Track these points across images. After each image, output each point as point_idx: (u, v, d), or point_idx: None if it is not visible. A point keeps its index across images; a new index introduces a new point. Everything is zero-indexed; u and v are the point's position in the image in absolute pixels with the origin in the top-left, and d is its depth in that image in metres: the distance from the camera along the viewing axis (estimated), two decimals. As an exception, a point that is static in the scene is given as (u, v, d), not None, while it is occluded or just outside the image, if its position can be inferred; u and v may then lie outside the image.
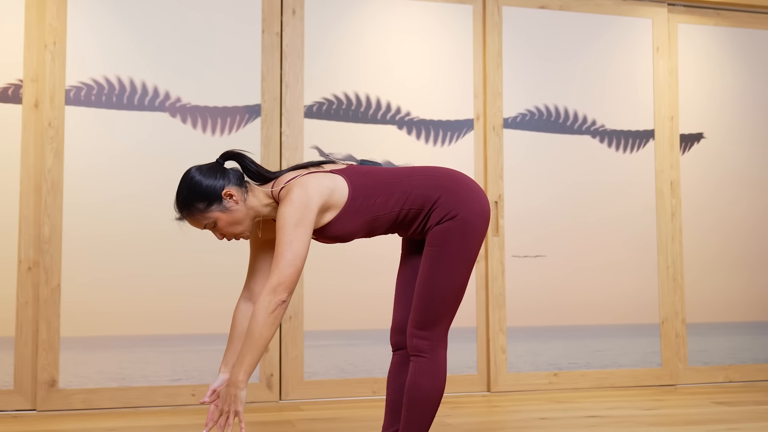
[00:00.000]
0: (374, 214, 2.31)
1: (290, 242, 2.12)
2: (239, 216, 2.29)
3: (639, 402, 4.08)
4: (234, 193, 2.27)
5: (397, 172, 2.38)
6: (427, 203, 2.31)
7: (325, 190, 2.22)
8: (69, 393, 3.86)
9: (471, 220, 2.29)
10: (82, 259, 3.93)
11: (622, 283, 4.66)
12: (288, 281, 2.10)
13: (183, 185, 2.28)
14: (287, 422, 3.55)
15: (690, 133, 4.83)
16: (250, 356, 2.08)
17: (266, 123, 4.19)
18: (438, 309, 2.27)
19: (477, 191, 2.35)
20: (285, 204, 2.16)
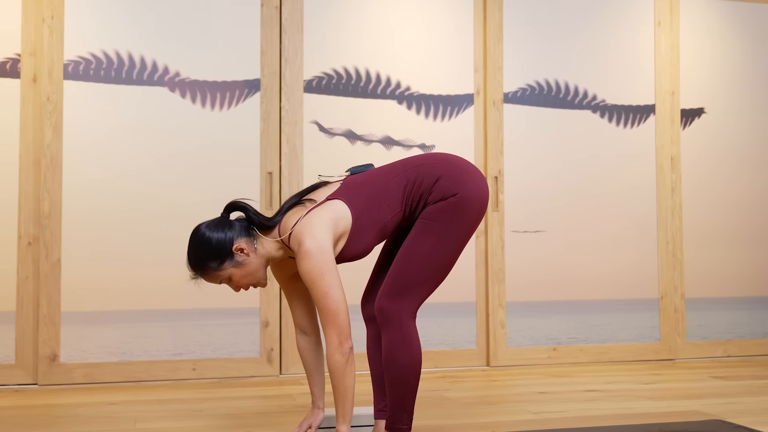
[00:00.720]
0: (382, 221, 2.31)
1: (326, 293, 2.14)
2: (253, 267, 2.30)
3: (637, 376, 4.11)
4: (244, 246, 2.27)
5: (391, 170, 2.36)
6: (425, 191, 2.31)
7: (330, 223, 2.22)
8: (70, 367, 3.88)
9: (467, 200, 2.29)
10: (82, 234, 3.94)
11: (621, 259, 4.67)
12: (344, 329, 2.14)
13: (193, 245, 2.29)
14: (287, 396, 3.57)
15: (691, 108, 4.82)
16: (344, 406, 2.14)
17: (266, 98, 4.17)
18: (411, 280, 2.25)
19: (475, 174, 2.34)
20: (302, 259, 2.16)
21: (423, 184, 2.30)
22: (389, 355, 2.25)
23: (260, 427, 2.92)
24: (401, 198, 2.31)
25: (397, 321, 2.25)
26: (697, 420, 2.98)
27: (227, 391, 3.73)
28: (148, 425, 2.97)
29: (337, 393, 2.14)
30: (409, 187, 2.31)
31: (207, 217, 4.08)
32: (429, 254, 2.26)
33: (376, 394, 2.45)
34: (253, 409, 3.26)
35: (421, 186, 2.30)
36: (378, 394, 2.45)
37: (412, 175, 2.33)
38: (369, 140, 4.32)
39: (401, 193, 2.31)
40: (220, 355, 4.06)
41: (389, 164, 2.41)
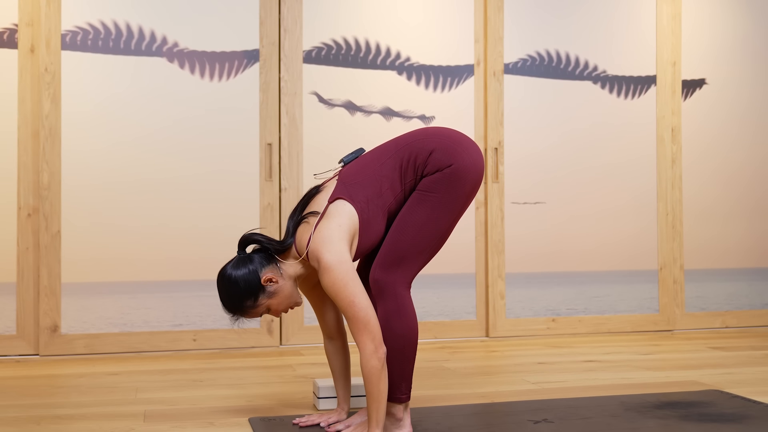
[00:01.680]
0: (386, 205, 2.31)
1: (352, 302, 2.13)
2: (286, 292, 2.30)
3: (636, 347, 4.13)
4: (272, 276, 2.27)
5: (383, 152, 2.35)
6: (420, 165, 2.31)
7: (341, 230, 2.21)
8: (71, 338, 3.90)
9: (462, 171, 2.28)
10: (81, 205, 3.93)
11: (621, 230, 4.67)
12: (377, 335, 2.13)
13: (224, 290, 2.28)
14: (288, 366, 3.59)
15: (692, 79, 4.79)
16: (377, 411, 2.14)
17: (265, 68, 4.15)
18: (406, 250, 2.26)
19: (469, 145, 2.33)
20: (323, 274, 2.15)
21: (417, 160, 2.30)
22: (385, 326, 2.26)
23: (261, 398, 2.94)
24: (399, 178, 2.31)
25: (392, 291, 2.26)
26: (695, 390, 3.00)
27: (228, 361, 3.75)
28: (149, 395, 2.99)
29: (371, 398, 2.14)
30: (404, 165, 2.31)
31: (206, 186, 4.07)
32: (424, 225, 2.26)
33: None
34: (253, 380, 3.28)
35: (416, 161, 2.30)
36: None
37: (405, 153, 2.32)
38: (369, 111, 4.30)
39: (398, 174, 2.31)
40: (220, 326, 4.08)
41: (381, 146, 2.39)
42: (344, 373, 2.53)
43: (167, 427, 2.49)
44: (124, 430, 2.46)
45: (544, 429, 2.41)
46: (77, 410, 2.74)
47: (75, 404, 2.84)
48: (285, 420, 2.55)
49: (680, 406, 2.72)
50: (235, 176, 4.11)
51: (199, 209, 4.07)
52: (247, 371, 3.48)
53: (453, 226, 2.32)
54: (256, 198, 4.13)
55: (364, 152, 2.42)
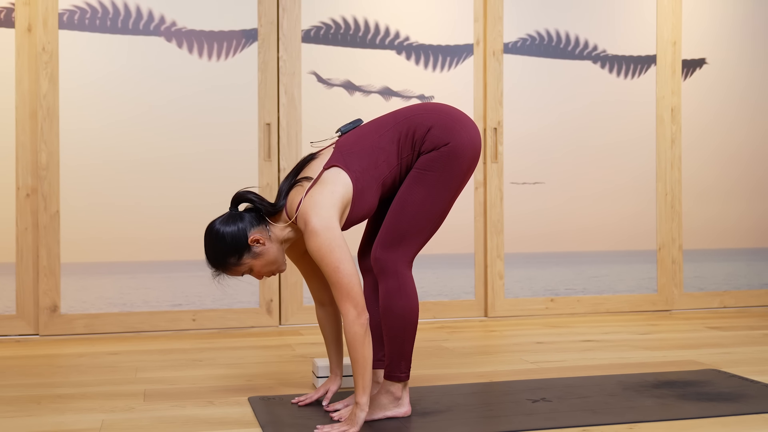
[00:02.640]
0: (381, 177, 2.31)
1: (336, 268, 2.13)
2: (271, 255, 2.30)
3: (634, 327, 4.14)
4: (259, 237, 2.27)
5: (382, 124, 2.35)
6: (418, 141, 2.30)
7: (333, 197, 2.21)
8: (71, 318, 3.91)
9: (460, 149, 2.28)
10: (80, 185, 3.93)
11: (620, 210, 4.67)
12: (359, 301, 2.14)
13: (210, 244, 2.29)
14: (287, 346, 3.60)
15: (692, 59, 4.77)
16: (363, 377, 2.15)
17: (263, 48, 4.13)
18: (406, 229, 2.26)
19: (467, 123, 2.33)
20: (310, 237, 2.15)
21: (416, 135, 2.30)
22: (386, 304, 2.26)
23: (260, 377, 2.95)
24: (396, 152, 2.31)
25: (393, 270, 2.26)
26: (693, 369, 3.01)
27: (227, 341, 3.76)
28: (148, 374, 3.00)
29: (356, 364, 2.15)
30: (402, 140, 2.30)
31: (205, 168, 4.07)
32: (423, 203, 2.26)
33: (373, 344, 2.47)
34: (252, 359, 3.29)
35: (414, 137, 2.30)
36: (375, 344, 2.47)
37: (404, 127, 2.31)
38: (367, 91, 4.29)
39: (395, 147, 2.31)
40: (219, 306, 4.09)
41: (379, 118, 2.39)
42: (336, 339, 2.53)
43: (167, 406, 2.50)
44: (124, 409, 2.48)
45: (542, 408, 2.42)
46: (77, 389, 2.75)
47: (75, 384, 2.85)
48: (284, 399, 2.56)
49: (678, 385, 2.73)
50: (234, 156, 4.11)
51: (198, 189, 4.07)
52: (247, 351, 3.49)
53: (451, 204, 2.32)
54: (255, 178, 4.13)
55: (362, 123, 2.42)
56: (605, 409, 2.40)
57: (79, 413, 2.42)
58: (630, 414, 2.35)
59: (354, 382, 2.19)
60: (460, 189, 2.32)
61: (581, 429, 2.21)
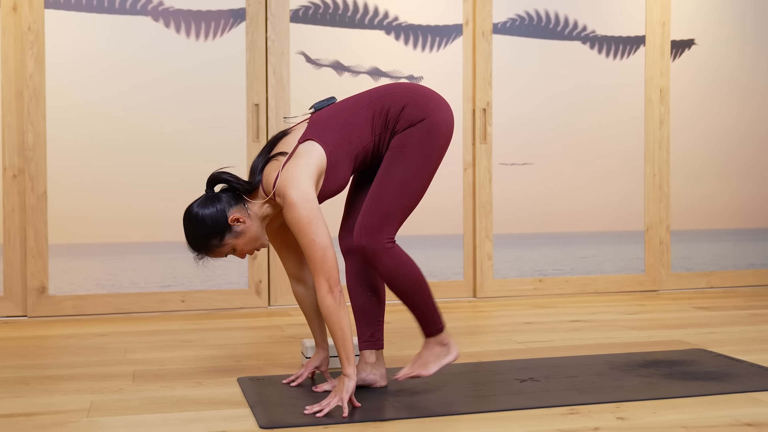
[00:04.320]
0: (354, 152, 2.33)
1: (312, 241, 2.16)
2: (252, 233, 2.30)
3: (621, 307, 4.16)
4: (239, 216, 2.27)
5: (357, 102, 2.37)
6: (392, 119, 2.33)
7: (309, 169, 2.22)
8: (59, 299, 3.90)
9: (435, 126, 2.32)
10: (67, 165, 3.91)
11: (608, 191, 4.68)
12: (333, 274, 2.16)
13: (190, 228, 2.28)
14: (276, 327, 3.61)
15: (681, 39, 4.77)
16: (345, 349, 2.18)
17: (251, 27, 4.10)
18: (388, 209, 2.29)
19: (440, 101, 2.38)
20: (289, 209, 2.18)
21: (390, 113, 2.33)
22: (393, 283, 2.30)
23: (249, 358, 2.95)
24: (370, 129, 2.34)
25: (383, 251, 2.28)
26: (679, 349, 3.04)
27: (216, 322, 3.76)
28: (137, 356, 3.00)
29: (335, 337, 2.18)
30: (377, 117, 2.34)
31: (194, 148, 4.05)
32: (405, 180, 2.29)
33: (360, 325, 2.48)
34: (242, 340, 3.30)
35: (388, 115, 2.33)
36: (361, 325, 2.48)
37: (378, 105, 2.35)
38: (356, 71, 4.27)
39: (369, 124, 2.34)
40: (208, 287, 4.09)
41: (353, 96, 2.41)
42: (316, 313, 2.55)
43: (156, 387, 2.51)
44: (113, 390, 2.48)
45: (530, 387, 2.44)
46: (66, 371, 2.75)
47: (64, 365, 2.85)
48: (273, 380, 2.57)
49: (664, 364, 2.75)
50: (223, 136, 4.09)
51: (186, 169, 4.05)
52: (236, 332, 3.50)
53: (430, 180, 2.35)
54: (243, 158, 4.11)
55: (336, 101, 2.43)
56: (592, 389, 2.42)
57: (68, 394, 2.42)
58: (617, 393, 2.37)
59: (338, 354, 2.21)
60: (437, 165, 2.35)
61: (569, 408, 2.23)
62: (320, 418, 2.13)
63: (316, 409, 2.16)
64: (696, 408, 2.22)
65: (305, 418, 2.13)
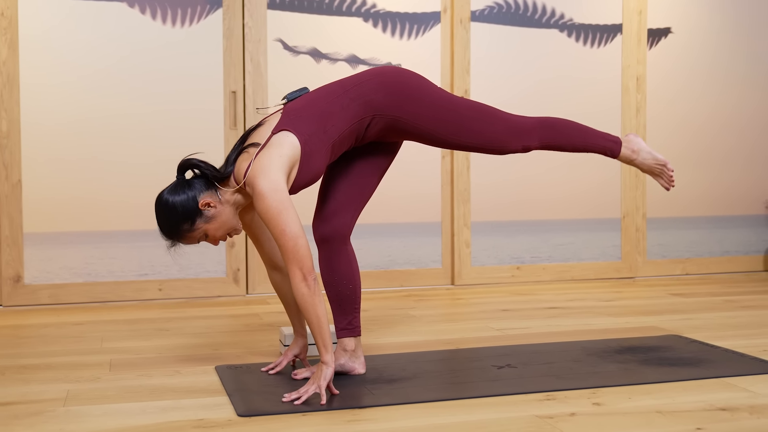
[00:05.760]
0: (330, 142, 2.33)
1: (283, 231, 2.15)
2: (224, 217, 2.29)
3: (598, 294, 4.20)
4: (210, 200, 2.27)
5: (330, 92, 2.37)
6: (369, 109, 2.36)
7: (281, 160, 2.22)
8: (35, 288, 3.87)
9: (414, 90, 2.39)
10: (43, 154, 3.87)
11: (585, 179, 4.71)
12: (305, 262, 2.16)
13: (161, 214, 2.27)
14: (254, 315, 3.60)
15: (658, 28, 4.80)
16: (321, 336, 2.18)
17: (228, 14, 4.07)
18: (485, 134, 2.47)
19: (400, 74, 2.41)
20: (258, 200, 2.17)
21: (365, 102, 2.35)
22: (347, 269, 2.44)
23: (227, 346, 2.95)
24: (346, 117, 2.34)
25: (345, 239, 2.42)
26: (655, 335, 3.07)
27: (194, 310, 3.75)
28: (114, 344, 2.99)
29: (311, 325, 2.19)
30: (353, 106, 2.34)
31: (170, 133, 4.02)
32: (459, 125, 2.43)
33: (337, 313, 2.49)
34: (220, 328, 3.29)
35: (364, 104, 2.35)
36: (338, 314, 2.48)
37: (354, 92, 2.36)
38: (334, 59, 4.26)
39: (345, 112, 2.34)
40: (186, 276, 4.07)
41: (327, 85, 2.41)
42: (294, 300, 2.55)
43: (133, 376, 2.50)
44: (89, 379, 2.47)
45: (507, 374, 2.46)
46: (42, 360, 2.73)
47: (40, 354, 2.83)
48: (251, 368, 2.57)
49: (640, 350, 2.78)
50: (200, 124, 4.06)
51: (162, 157, 4.03)
52: (214, 320, 3.49)
53: (458, 100, 2.45)
54: (220, 145, 4.09)
55: (309, 91, 2.43)
56: (569, 375, 2.44)
57: (44, 383, 2.41)
58: (593, 379, 2.39)
59: (315, 342, 2.22)
60: (443, 93, 2.43)
61: (545, 394, 2.25)
62: (298, 405, 2.13)
63: (294, 397, 2.16)
64: (671, 393, 2.25)
65: (283, 405, 2.13)
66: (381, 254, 4.37)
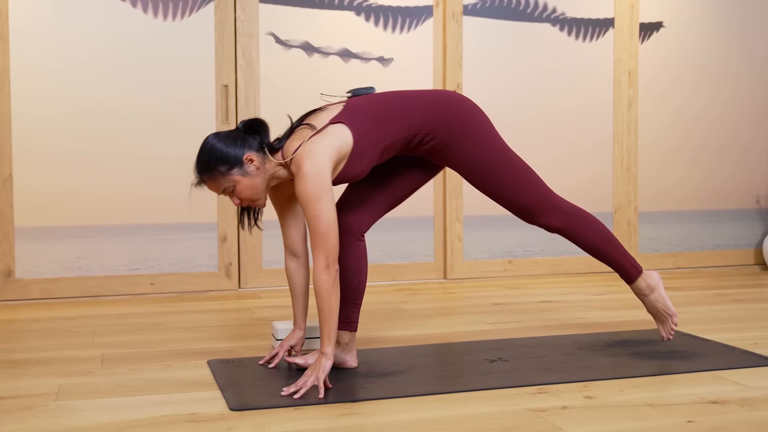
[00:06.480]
0: (381, 145, 2.35)
1: (318, 217, 2.17)
2: (258, 181, 2.31)
3: (590, 288, 4.21)
4: (254, 159, 2.29)
5: (396, 100, 2.40)
6: (426, 128, 2.39)
7: (331, 149, 2.24)
8: (26, 283, 3.86)
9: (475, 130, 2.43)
10: (33, 148, 3.85)
11: (577, 173, 4.71)
12: (332, 253, 2.18)
13: (204, 150, 2.29)
14: (246, 309, 3.60)
15: (650, 22, 4.80)
16: (329, 328, 2.19)
17: (220, 7, 4.06)
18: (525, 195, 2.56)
19: (466, 104, 2.44)
20: (300, 181, 2.19)
21: (424, 122, 2.40)
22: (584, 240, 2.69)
23: (219, 340, 2.94)
24: (401, 129, 2.37)
25: (563, 213, 2.64)
26: (646, 329, 3.07)
27: (186, 305, 3.74)
28: (106, 339, 2.98)
29: (322, 314, 2.19)
30: (412, 118, 2.38)
31: (162, 127, 4.01)
32: (503, 180, 2.53)
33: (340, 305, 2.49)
34: (212, 323, 3.29)
35: (423, 123, 2.40)
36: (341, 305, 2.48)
37: (417, 117, 2.39)
38: (326, 53, 4.25)
39: (402, 125, 2.37)
40: (178, 270, 4.06)
41: (394, 92, 2.44)
42: (303, 291, 2.55)
43: (125, 370, 2.49)
44: (81, 373, 2.46)
45: (499, 368, 2.46)
46: (33, 355, 2.72)
47: (31, 348, 2.82)
48: (243, 362, 2.56)
49: (631, 344, 2.79)
50: (192, 118, 4.05)
51: (155, 150, 4.01)
52: (206, 314, 3.48)
53: (512, 155, 2.53)
54: (212, 141, 4.08)
55: (375, 91, 2.47)
56: (561, 368, 2.45)
57: (36, 378, 2.40)
58: (585, 372, 2.40)
59: (320, 331, 2.22)
60: (499, 141, 2.51)
61: (537, 388, 2.25)
62: (289, 399, 2.12)
63: (292, 390, 2.16)
64: (662, 386, 2.25)
65: (275, 399, 2.13)
66: (373, 248, 4.37)
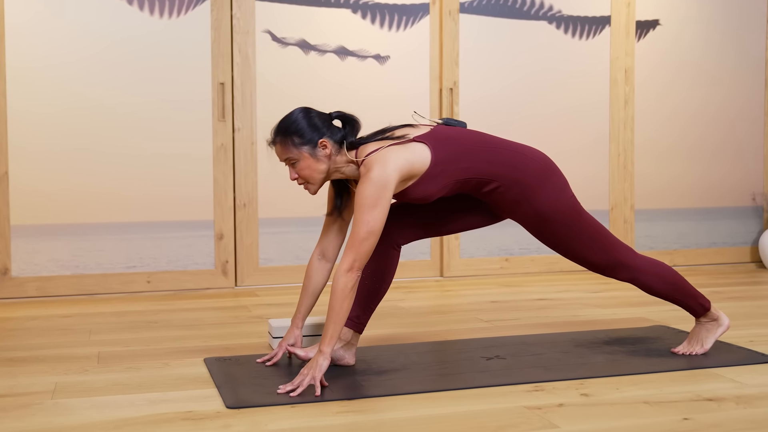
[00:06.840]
0: (456, 177, 2.36)
1: (367, 222, 2.18)
2: (322, 167, 2.33)
3: (586, 285, 4.21)
4: (329, 146, 2.31)
5: (486, 142, 2.40)
6: (502, 179, 2.39)
7: (404, 164, 2.25)
8: (22, 281, 3.85)
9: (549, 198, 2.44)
10: (30, 146, 3.84)
11: (574, 171, 4.72)
12: (362, 258, 2.19)
13: (289, 117, 2.34)
14: (243, 307, 3.60)
15: (646, 20, 4.81)
16: (333, 328, 2.20)
17: (216, 5, 4.05)
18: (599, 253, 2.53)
19: (552, 170, 2.46)
20: (364, 182, 2.20)
21: (505, 173, 2.40)
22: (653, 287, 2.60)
23: (216, 338, 2.94)
24: (479, 171, 2.37)
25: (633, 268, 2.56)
26: (642, 326, 3.08)
27: (182, 303, 3.74)
28: (102, 337, 2.98)
29: (331, 313, 2.19)
30: (494, 164, 2.38)
31: (159, 124, 4.00)
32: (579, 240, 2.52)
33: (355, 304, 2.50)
34: (208, 321, 3.29)
35: (503, 173, 2.40)
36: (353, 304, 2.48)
37: (502, 156, 2.39)
38: (323, 50, 4.24)
39: (481, 166, 2.37)
40: (174, 268, 4.06)
41: (484, 134, 2.44)
42: (315, 294, 2.55)
43: (121, 368, 2.49)
44: (77, 371, 2.46)
45: (496, 365, 2.46)
46: (30, 352, 2.72)
47: (27, 347, 2.82)
48: (240, 360, 2.56)
49: (628, 341, 2.79)
50: (188, 116, 4.05)
51: (151, 148, 4.01)
52: (202, 312, 3.48)
53: (584, 214, 2.51)
54: (209, 138, 4.08)
55: (466, 126, 2.48)
56: (557, 366, 2.45)
57: (32, 376, 2.40)
58: (581, 370, 2.40)
59: (324, 329, 2.23)
60: (574, 202, 2.50)
61: (534, 385, 2.25)
62: (287, 397, 2.13)
63: (289, 389, 2.16)
64: (658, 384, 2.26)
65: (272, 397, 2.13)
66: (370, 246, 4.36)
